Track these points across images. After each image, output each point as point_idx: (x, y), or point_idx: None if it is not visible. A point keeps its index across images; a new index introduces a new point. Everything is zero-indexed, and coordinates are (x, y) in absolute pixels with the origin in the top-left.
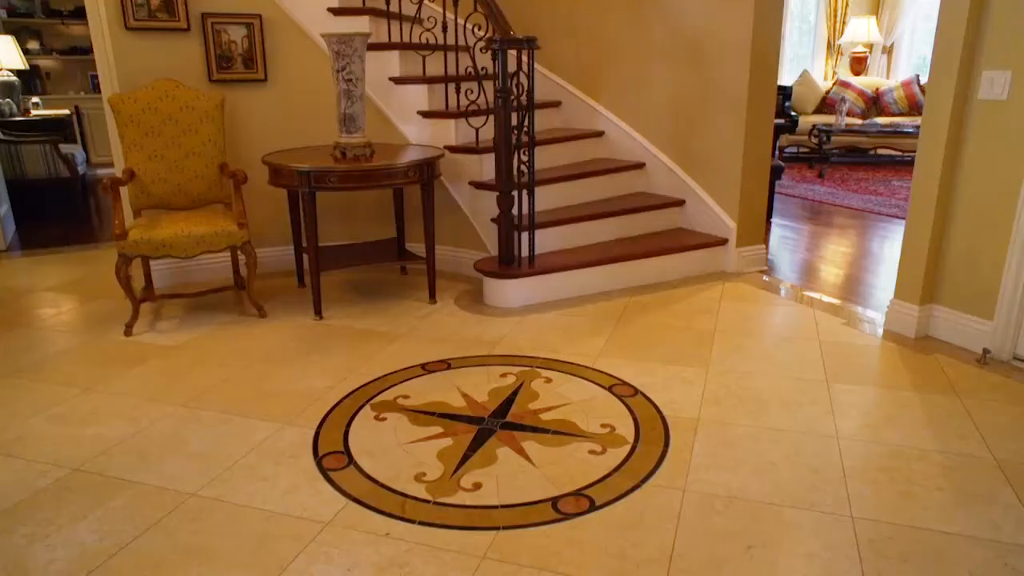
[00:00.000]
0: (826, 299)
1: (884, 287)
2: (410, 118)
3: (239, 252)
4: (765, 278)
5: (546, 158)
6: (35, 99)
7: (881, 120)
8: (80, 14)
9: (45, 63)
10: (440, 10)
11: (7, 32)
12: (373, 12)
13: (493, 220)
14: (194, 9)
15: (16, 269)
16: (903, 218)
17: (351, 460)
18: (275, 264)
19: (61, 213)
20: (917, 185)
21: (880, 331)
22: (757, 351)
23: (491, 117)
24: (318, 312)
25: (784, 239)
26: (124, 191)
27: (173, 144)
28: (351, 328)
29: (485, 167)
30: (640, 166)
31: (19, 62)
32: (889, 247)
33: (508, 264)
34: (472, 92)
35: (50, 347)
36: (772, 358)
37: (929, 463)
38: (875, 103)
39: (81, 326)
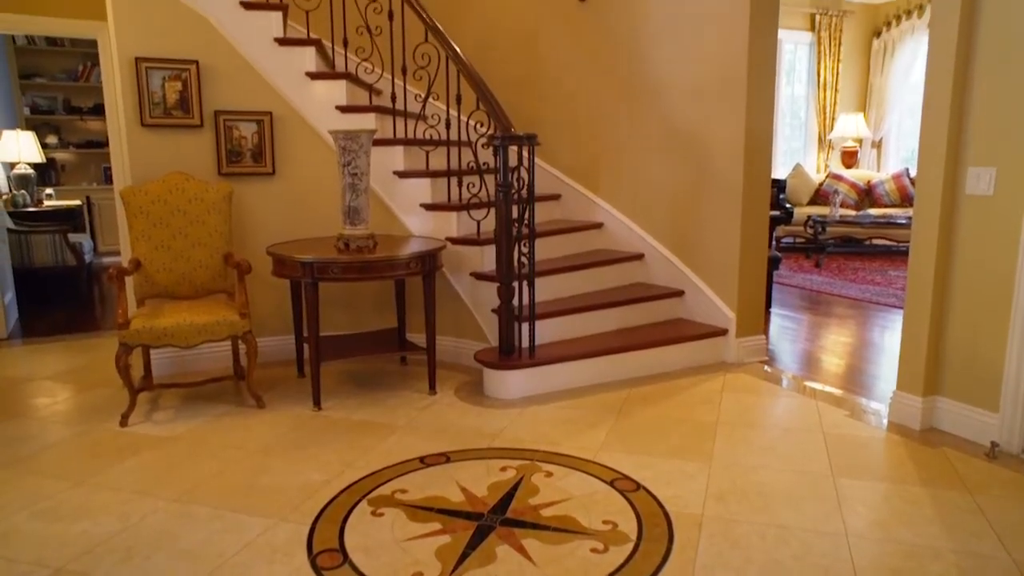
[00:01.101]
0: (828, 390)
1: (886, 378)
2: (413, 210)
3: (240, 341)
4: (766, 368)
5: (546, 249)
6: (49, 190)
7: (874, 211)
8: (99, 111)
9: (61, 156)
10: (444, 107)
11: (29, 128)
12: (379, 110)
13: (494, 311)
14: (208, 107)
15: (16, 357)
16: (901, 308)
17: (346, 558)
18: (275, 353)
19: (65, 301)
20: (913, 277)
21: (884, 423)
22: (761, 444)
23: (492, 209)
24: (317, 403)
25: (784, 329)
26: (129, 280)
27: (180, 234)
28: (349, 419)
29: (486, 258)
30: (639, 257)
31: (37, 156)
32: (889, 337)
33: (508, 355)
34: (474, 185)
35: (43, 438)
36: (776, 451)
37: (945, 563)
38: (867, 195)
39: (76, 416)
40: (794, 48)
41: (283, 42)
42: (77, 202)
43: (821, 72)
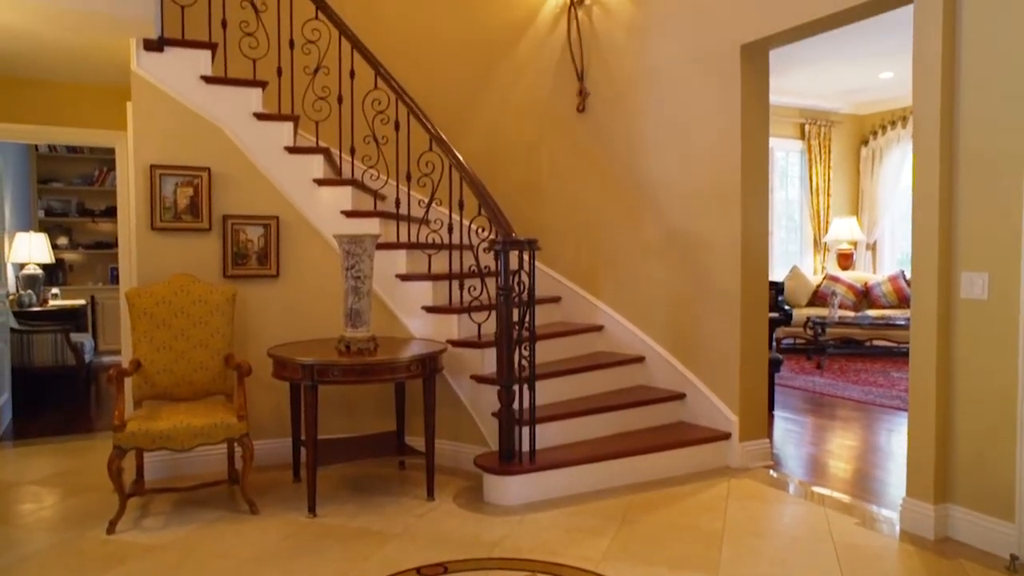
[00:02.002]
0: (837, 496)
1: (896, 483)
2: (414, 312)
3: (236, 444)
4: (772, 473)
5: (547, 352)
6: (55, 290)
7: (873, 313)
8: (110, 213)
9: (70, 256)
10: (447, 212)
11: (42, 229)
12: (383, 215)
13: (494, 414)
14: (217, 212)
15: (5, 460)
16: (906, 410)
17: None
18: (271, 457)
19: (61, 402)
20: (914, 381)
21: (897, 531)
22: (769, 554)
23: (493, 312)
24: (312, 509)
25: (788, 432)
26: (128, 381)
27: (182, 336)
28: (345, 527)
29: (486, 361)
30: (640, 360)
31: (47, 257)
32: (896, 440)
33: (509, 460)
34: (475, 288)
35: (24, 547)
36: (786, 562)
37: None
38: (865, 296)
39: (62, 523)
40: (786, 155)
41: (293, 150)
42: (81, 302)
43: (813, 178)
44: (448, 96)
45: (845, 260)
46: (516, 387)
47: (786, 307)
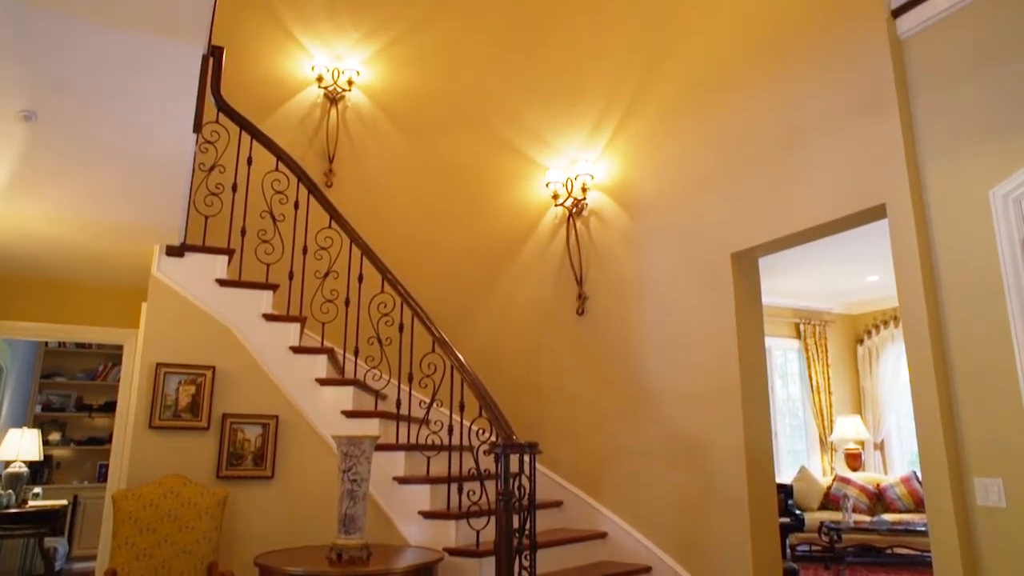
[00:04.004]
0: None
1: None
2: (411, 518)
3: None
4: None
5: (549, 561)
6: (37, 489)
7: (889, 517)
8: (108, 407)
9: (60, 452)
10: (447, 413)
11: (36, 425)
12: (384, 415)
13: None
14: (217, 410)
15: None
16: None
17: None
18: None
19: None
20: None
21: None
22: None
23: (492, 518)
24: None
25: None
26: None
27: (166, 542)
28: None
29: (485, 571)
30: (646, 570)
31: (36, 454)
32: None
33: None
34: (474, 493)
35: None
36: None
37: None
38: (879, 499)
39: None
40: (783, 354)
41: (298, 350)
42: (63, 502)
43: (812, 376)
44: (452, 299)
45: (854, 460)
46: None
47: (797, 511)
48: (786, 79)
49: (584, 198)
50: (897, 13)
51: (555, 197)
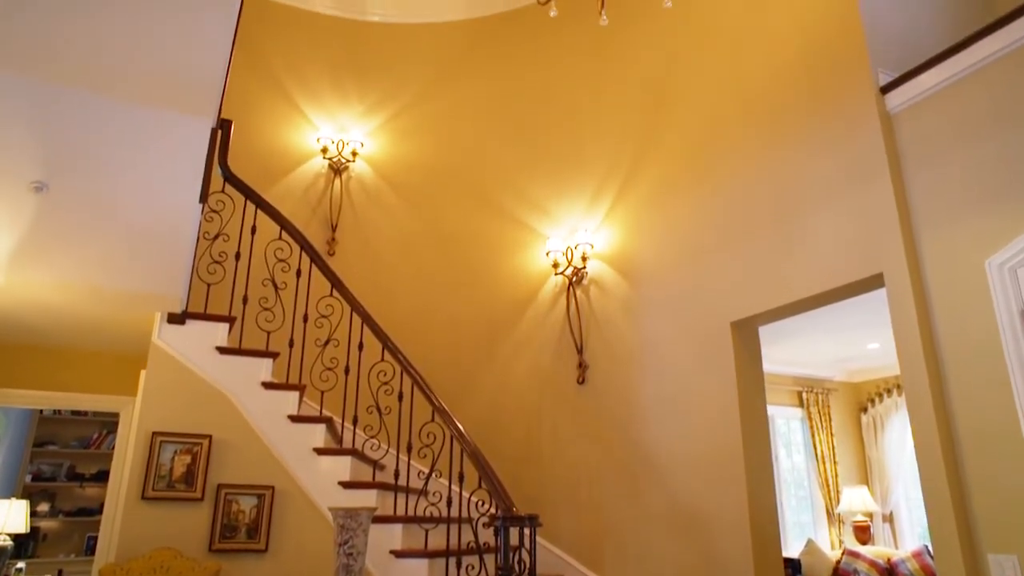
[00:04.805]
0: None
1: None
2: None
3: None
4: None
5: None
6: (20, 564)
7: None
8: (101, 477)
9: (47, 524)
10: (447, 483)
11: (25, 495)
12: (382, 486)
13: None
14: (212, 480)
15: None
16: None
17: None
18: None
19: None
20: None
21: None
22: None
23: None
24: None
25: None
26: None
27: None
28: None
29: None
30: None
31: (23, 527)
32: None
33: None
34: (473, 568)
35: None
36: None
37: None
38: (890, 574)
39: None
40: (787, 422)
41: (296, 419)
42: None
43: (817, 446)
44: (452, 367)
45: (862, 533)
46: None
47: None
48: (783, 149)
49: (584, 267)
50: (885, 90)
51: (555, 266)
